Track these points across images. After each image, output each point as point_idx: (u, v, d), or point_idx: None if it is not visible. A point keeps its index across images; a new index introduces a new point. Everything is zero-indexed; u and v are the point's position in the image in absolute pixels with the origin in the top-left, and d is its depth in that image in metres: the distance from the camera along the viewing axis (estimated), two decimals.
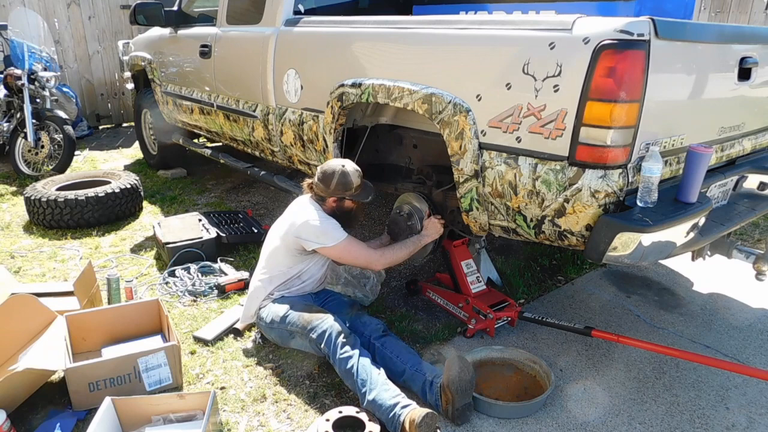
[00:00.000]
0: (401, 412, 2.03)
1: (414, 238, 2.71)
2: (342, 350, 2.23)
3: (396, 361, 2.32)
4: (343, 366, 2.22)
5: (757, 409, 2.29)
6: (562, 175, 1.99)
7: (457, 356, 2.17)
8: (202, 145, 5.00)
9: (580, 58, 1.89)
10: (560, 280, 3.38)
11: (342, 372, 2.24)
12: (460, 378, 2.10)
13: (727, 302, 3.13)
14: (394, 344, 2.40)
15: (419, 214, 2.81)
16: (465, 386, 2.11)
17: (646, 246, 1.91)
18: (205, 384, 2.41)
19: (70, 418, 2.16)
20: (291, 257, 2.56)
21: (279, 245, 2.57)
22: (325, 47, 2.99)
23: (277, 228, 2.62)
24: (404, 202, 2.89)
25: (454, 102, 2.26)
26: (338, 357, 2.23)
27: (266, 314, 2.55)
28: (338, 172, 2.52)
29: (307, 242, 2.49)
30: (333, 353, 2.26)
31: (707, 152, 2.01)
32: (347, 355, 2.22)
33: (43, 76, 5.43)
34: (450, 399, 2.11)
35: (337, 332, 2.29)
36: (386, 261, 2.59)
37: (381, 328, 2.47)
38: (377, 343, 2.40)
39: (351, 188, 2.53)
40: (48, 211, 3.97)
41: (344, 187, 2.52)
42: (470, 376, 2.13)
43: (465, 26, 2.32)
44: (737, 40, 2.32)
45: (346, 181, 2.52)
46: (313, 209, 2.55)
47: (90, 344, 2.56)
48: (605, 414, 2.25)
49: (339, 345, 2.25)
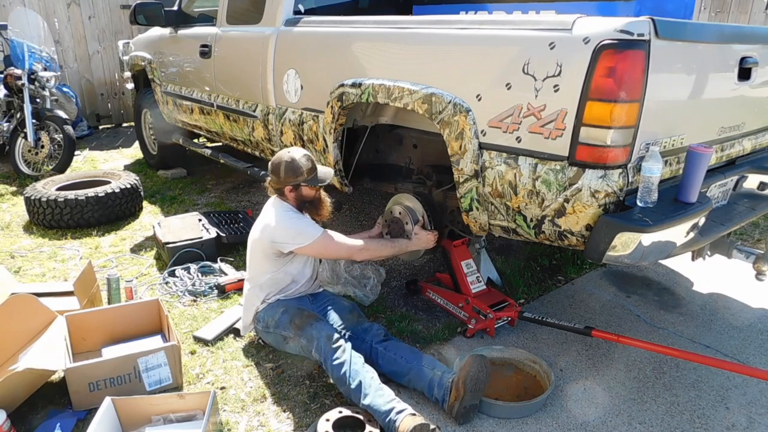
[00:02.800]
0: (396, 418, 2.03)
1: (403, 241, 2.71)
2: (333, 356, 2.21)
3: (400, 362, 2.32)
4: (336, 372, 2.20)
5: (757, 409, 2.29)
6: (562, 175, 1.99)
7: (479, 355, 2.18)
8: (202, 145, 5.00)
9: (580, 58, 1.89)
10: (560, 280, 3.38)
11: (335, 378, 2.22)
12: (477, 377, 2.11)
13: (727, 302, 3.13)
14: (397, 346, 2.40)
15: (413, 217, 2.79)
16: (480, 386, 2.12)
17: (646, 246, 1.91)
18: (205, 384, 2.41)
19: (70, 418, 2.16)
20: (271, 262, 2.51)
21: (257, 252, 2.53)
22: (325, 47, 2.99)
23: (252, 234, 2.57)
24: (397, 203, 2.88)
25: (454, 102, 2.26)
26: (330, 363, 2.22)
27: (262, 318, 2.54)
28: (285, 160, 2.47)
29: (284, 245, 2.45)
30: (325, 359, 2.24)
31: (707, 152, 2.01)
32: (339, 362, 2.20)
33: (43, 76, 5.44)
34: (460, 396, 2.11)
35: (327, 338, 2.26)
36: (368, 254, 2.57)
37: (382, 333, 2.46)
38: (380, 347, 2.39)
39: (301, 173, 2.46)
40: (48, 211, 3.97)
41: (293, 173, 2.46)
42: (486, 377, 2.14)
43: (465, 26, 2.32)
44: (737, 40, 2.32)
45: (294, 166, 2.46)
46: (281, 210, 2.50)
47: (90, 344, 2.56)
48: (605, 414, 2.25)
49: (330, 351, 2.23)
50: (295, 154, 2.49)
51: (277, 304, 2.53)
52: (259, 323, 2.56)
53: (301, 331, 2.36)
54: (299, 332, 2.36)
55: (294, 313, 2.45)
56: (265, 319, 2.52)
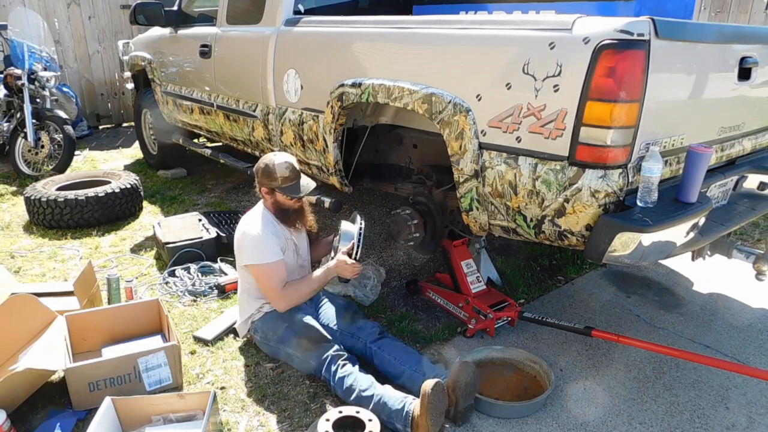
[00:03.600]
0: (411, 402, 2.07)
1: (321, 272, 2.50)
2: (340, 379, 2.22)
3: (394, 363, 2.32)
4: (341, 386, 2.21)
5: (757, 409, 2.29)
6: (562, 175, 1.99)
7: (463, 362, 2.16)
8: (202, 145, 5.00)
9: (580, 58, 1.89)
10: (560, 280, 3.38)
11: (343, 393, 2.22)
12: (466, 383, 2.10)
13: (727, 302, 3.13)
14: (392, 346, 2.40)
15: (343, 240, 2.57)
16: (470, 389, 2.12)
17: (646, 246, 1.91)
18: (205, 384, 2.41)
19: (70, 418, 2.16)
20: (247, 271, 2.49)
21: (237, 259, 2.54)
22: (325, 47, 2.99)
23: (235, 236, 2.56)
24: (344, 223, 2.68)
25: (454, 102, 2.26)
26: (339, 383, 2.22)
27: (260, 329, 2.52)
28: (265, 162, 2.46)
29: (242, 254, 2.45)
30: (333, 380, 2.26)
31: (707, 152, 2.01)
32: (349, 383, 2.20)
33: (43, 76, 5.44)
34: (454, 402, 2.12)
35: (334, 357, 2.28)
36: (286, 303, 2.44)
37: (377, 331, 2.45)
38: (374, 346, 2.39)
39: (275, 178, 2.43)
40: (48, 211, 3.97)
41: (268, 177, 2.44)
42: (475, 381, 2.14)
43: (465, 26, 2.32)
44: (737, 40, 2.32)
45: (270, 170, 2.43)
46: (256, 219, 2.48)
47: (90, 344, 2.56)
48: (605, 414, 2.25)
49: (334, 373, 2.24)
50: (277, 160, 2.45)
51: (279, 318, 2.47)
52: (256, 333, 2.54)
53: (310, 353, 2.34)
54: (307, 354, 2.35)
55: (300, 331, 2.39)
56: (265, 331, 2.50)
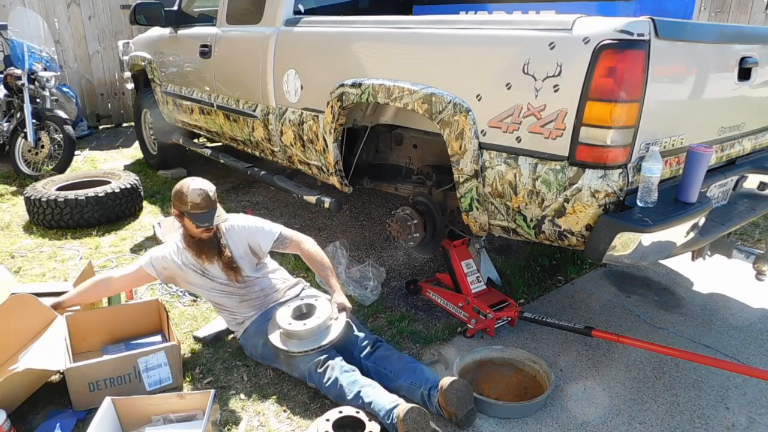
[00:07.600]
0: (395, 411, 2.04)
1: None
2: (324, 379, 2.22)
3: (390, 377, 2.28)
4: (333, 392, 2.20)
5: (757, 409, 2.29)
6: (562, 175, 1.99)
7: (452, 380, 2.12)
8: (202, 145, 5.00)
9: (580, 58, 1.89)
10: (560, 280, 3.38)
11: (335, 397, 2.20)
12: (458, 396, 2.10)
13: (727, 302, 3.13)
14: (386, 358, 2.35)
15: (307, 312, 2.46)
16: (464, 399, 2.11)
17: (646, 246, 1.91)
18: (205, 384, 2.41)
19: (70, 418, 2.16)
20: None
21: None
22: (325, 47, 2.99)
23: None
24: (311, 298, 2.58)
25: (454, 102, 2.26)
26: (325, 387, 2.22)
27: (245, 345, 2.54)
28: (182, 183, 2.42)
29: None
30: (319, 385, 2.25)
31: (707, 152, 2.01)
32: (332, 381, 2.20)
33: (43, 76, 5.43)
34: (451, 414, 2.11)
35: (315, 365, 2.26)
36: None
37: (369, 344, 2.40)
38: (367, 362, 2.35)
39: (186, 202, 2.35)
40: (48, 211, 3.97)
41: (179, 199, 2.38)
42: (467, 390, 2.12)
43: (465, 26, 2.32)
44: (737, 40, 2.33)
45: (182, 193, 2.37)
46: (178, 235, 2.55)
47: (90, 344, 2.56)
48: (605, 414, 2.25)
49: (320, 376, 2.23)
50: (193, 185, 2.39)
51: (255, 334, 2.48)
52: (245, 349, 2.57)
53: (292, 367, 2.35)
54: (290, 368, 2.37)
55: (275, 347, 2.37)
56: (248, 348, 2.53)
